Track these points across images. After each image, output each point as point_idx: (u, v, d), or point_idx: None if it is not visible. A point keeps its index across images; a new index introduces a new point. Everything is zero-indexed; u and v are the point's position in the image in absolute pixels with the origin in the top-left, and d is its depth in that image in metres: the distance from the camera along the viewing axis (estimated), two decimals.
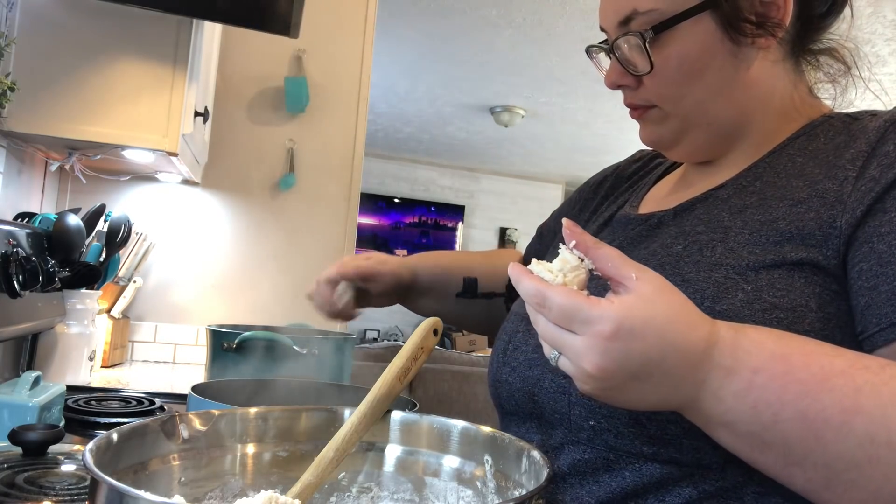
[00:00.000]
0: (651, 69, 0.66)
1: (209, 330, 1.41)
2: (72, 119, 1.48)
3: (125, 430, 0.51)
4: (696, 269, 0.61)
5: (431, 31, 3.73)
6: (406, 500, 0.61)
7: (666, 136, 0.71)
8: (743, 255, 0.60)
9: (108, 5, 1.41)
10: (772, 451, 0.49)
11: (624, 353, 0.47)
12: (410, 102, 5.11)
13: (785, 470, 0.49)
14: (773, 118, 0.69)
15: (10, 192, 1.65)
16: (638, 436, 0.58)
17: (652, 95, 0.69)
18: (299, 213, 2.20)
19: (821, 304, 0.56)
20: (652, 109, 0.70)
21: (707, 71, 0.66)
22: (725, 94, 0.67)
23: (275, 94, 2.18)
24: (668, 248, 0.65)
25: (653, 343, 0.48)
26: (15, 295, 1.17)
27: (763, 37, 0.66)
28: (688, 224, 0.67)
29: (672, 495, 0.58)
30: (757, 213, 0.62)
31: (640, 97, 0.70)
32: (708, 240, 0.63)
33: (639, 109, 0.72)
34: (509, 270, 0.53)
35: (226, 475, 0.59)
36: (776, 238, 0.59)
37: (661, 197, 0.78)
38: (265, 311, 2.10)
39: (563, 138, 5.72)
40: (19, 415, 0.96)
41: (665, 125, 0.70)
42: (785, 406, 0.48)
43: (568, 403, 0.63)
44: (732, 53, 0.66)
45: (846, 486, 0.47)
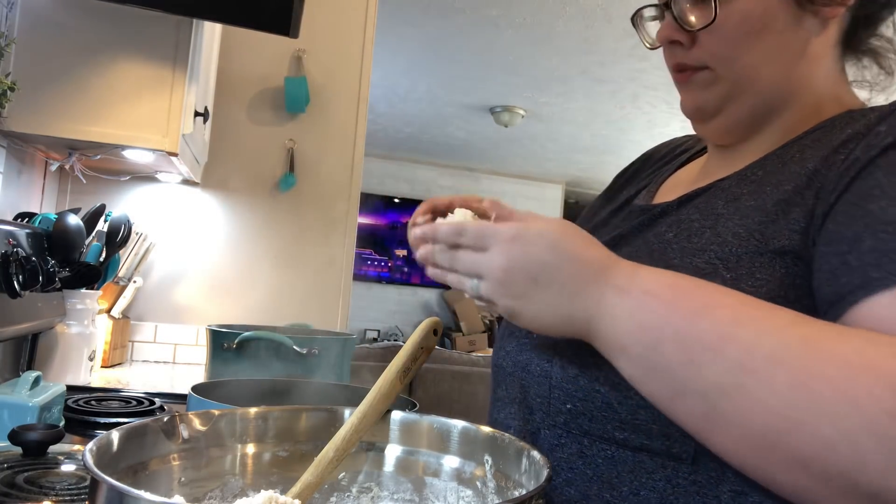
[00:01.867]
0: (713, 20, 0.64)
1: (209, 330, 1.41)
2: (72, 119, 1.49)
3: (125, 430, 0.51)
4: (680, 254, 0.62)
5: (431, 31, 3.73)
6: (406, 500, 0.61)
7: (711, 101, 0.69)
8: (728, 241, 0.59)
9: (108, 5, 1.41)
10: (658, 379, 0.50)
11: (523, 255, 0.54)
12: (410, 102, 5.11)
13: (672, 403, 0.50)
14: (812, 106, 0.67)
15: (10, 192, 1.65)
16: (610, 420, 0.59)
17: (705, 54, 0.67)
18: (299, 213, 2.20)
19: (799, 296, 0.55)
20: (702, 71, 0.68)
21: (767, 33, 0.64)
22: (780, 63, 0.66)
23: (275, 94, 2.18)
24: (661, 237, 0.66)
25: (548, 250, 0.54)
26: (15, 295, 1.17)
27: (830, 6, 0.65)
28: (684, 213, 0.67)
29: (646, 489, 0.57)
30: (750, 200, 0.62)
31: (693, 56, 0.68)
32: (699, 227, 0.63)
33: (686, 71, 0.69)
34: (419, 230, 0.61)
35: (226, 475, 0.59)
36: (762, 223, 0.58)
37: (675, 186, 0.77)
38: (265, 311, 2.10)
39: (563, 138, 5.72)
40: (19, 415, 0.96)
41: (712, 89, 0.68)
42: (666, 328, 0.50)
43: (549, 387, 0.64)
44: (796, 19, 0.65)
45: (720, 418, 0.47)
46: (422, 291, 7.04)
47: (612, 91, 4.40)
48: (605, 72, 4.03)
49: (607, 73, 4.04)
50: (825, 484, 0.43)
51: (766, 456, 0.46)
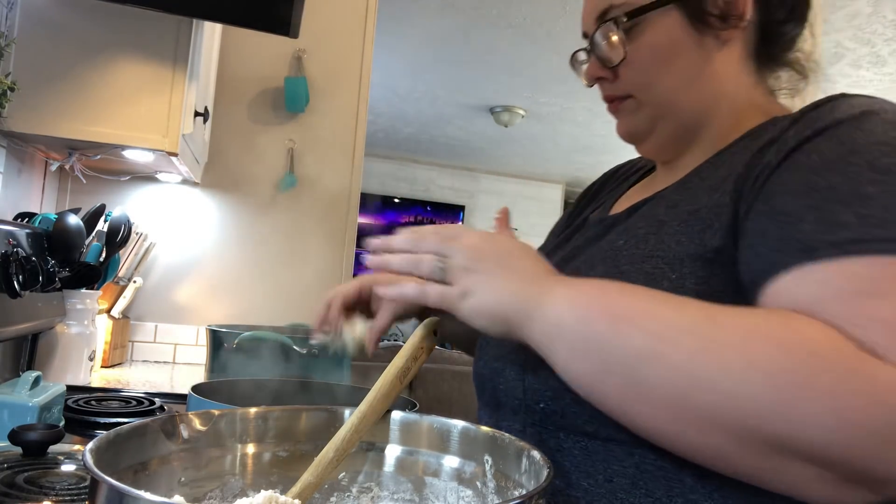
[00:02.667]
0: (625, 56, 0.72)
1: (209, 330, 1.41)
2: (72, 119, 1.49)
3: (125, 430, 0.51)
4: (630, 261, 0.66)
5: (431, 31, 3.73)
6: (406, 500, 0.61)
7: (640, 125, 0.76)
8: (671, 246, 0.64)
9: (108, 5, 1.41)
10: (587, 353, 0.55)
11: (492, 240, 0.63)
12: (410, 102, 5.11)
13: (599, 378, 0.55)
14: (731, 116, 0.73)
15: (10, 192, 1.65)
16: (580, 414, 0.63)
17: (627, 85, 0.74)
18: (299, 212, 2.20)
19: (737, 290, 0.59)
20: (627, 100, 0.75)
21: (676, 60, 0.72)
22: (693, 85, 0.73)
23: (275, 94, 2.18)
24: (612, 244, 0.72)
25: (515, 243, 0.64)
26: (15, 295, 1.17)
27: (726, 29, 0.71)
28: (632, 222, 0.73)
29: (618, 476, 0.61)
30: (686, 205, 0.67)
31: (617, 88, 0.75)
32: (644, 234, 0.68)
33: (615, 102, 0.77)
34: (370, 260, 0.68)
35: (226, 475, 0.59)
36: (699, 227, 0.63)
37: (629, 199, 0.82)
38: (265, 311, 2.10)
39: (563, 138, 5.72)
40: (19, 415, 0.96)
41: (638, 114, 0.75)
42: (595, 305, 0.56)
43: (523, 390, 0.68)
44: (698, 44, 0.72)
45: (641, 386, 0.52)
46: None
47: None
48: None
49: None
50: (734, 438, 0.49)
51: (681, 416, 0.51)
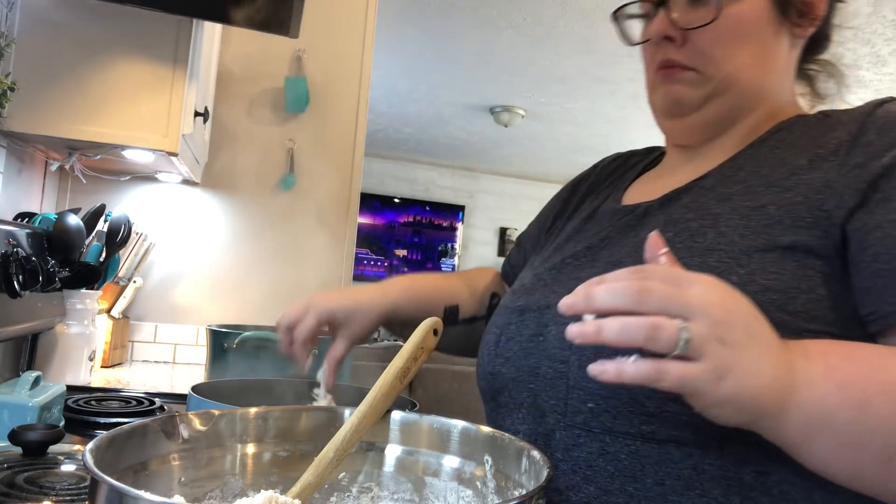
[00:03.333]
0: (713, 20, 0.68)
1: (209, 330, 1.41)
2: (72, 119, 1.48)
3: (125, 430, 0.51)
4: (689, 254, 0.62)
5: (431, 31, 3.73)
6: (406, 500, 0.61)
7: (693, 99, 0.72)
8: (734, 240, 0.61)
9: (108, 5, 1.41)
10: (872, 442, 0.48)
11: (734, 298, 0.50)
12: (410, 102, 5.11)
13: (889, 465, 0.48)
14: (772, 109, 0.73)
15: (10, 192, 1.65)
16: (637, 414, 0.58)
17: (696, 54, 0.71)
18: (299, 213, 2.20)
19: (811, 286, 0.58)
20: (690, 71, 0.72)
21: (753, 40, 0.70)
22: (757, 69, 0.71)
23: (275, 94, 2.18)
24: None
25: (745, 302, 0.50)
26: (15, 295, 1.16)
27: (800, 26, 0.73)
28: (675, 213, 0.69)
29: (671, 478, 0.58)
30: (744, 200, 0.65)
31: (683, 54, 0.71)
32: (697, 227, 0.65)
33: (673, 68, 0.72)
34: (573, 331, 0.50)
35: (226, 475, 0.59)
36: (766, 222, 0.61)
37: (644, 189, 0.79)
38: (265, 310, 2.10)
39: (563, 138, 5.72)
40: (19, 415, 0.96)
41: (696, 89, 0.72)
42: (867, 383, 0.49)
43: (566, 388, 0.63)
44: (776, 32, 0.72)
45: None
46: None
47: (612, 91, 4.40)
48: (605, 72, 4.02)
49: (607, 73, 4.04)
50: None
51: None
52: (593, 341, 0.48)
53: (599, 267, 0.70)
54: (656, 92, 0.75)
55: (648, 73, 0.76)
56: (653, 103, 0.77)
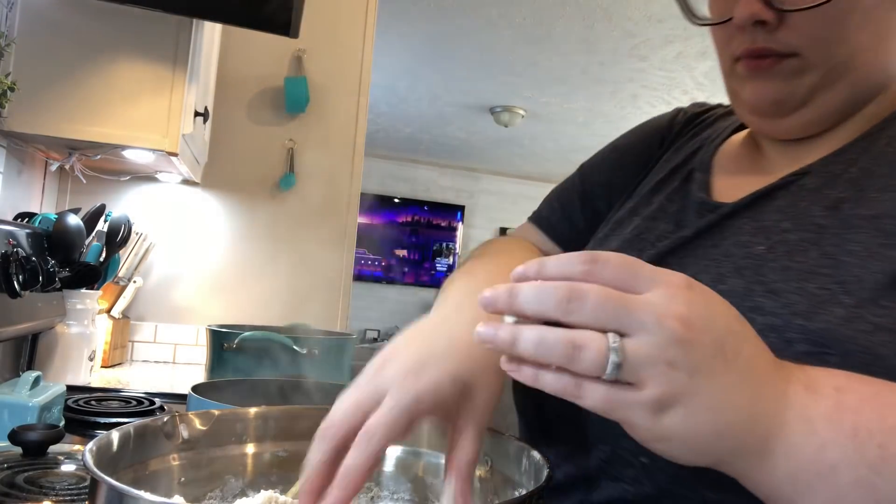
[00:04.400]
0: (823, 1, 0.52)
1: (209, 330, 1.41)
2: (72, 119, 1.48)
3: (125, 430, 0.51)
4: (784, 276, 0.50)
5: (431, 31, 3.73)
6: (406, 500, 0.61)
7: (796, 94, 0.57)
8: (843, 261, 0.48)
9: (108, 5, 1.41)
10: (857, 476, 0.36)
11: (707, 308, 0.38)
12: (410, 102, 5.11)
13: None
14: (891, 95, 0.59)
15: (10, 192, 1.65)
16: (700, 478, 0.44)
17: (798, 38, 0.55)
18: (299, 213, 2.20)
19: None
20: (790, 59, 0.55)
21: (873, 13, 0.55)
22: (877, 47, 0.56)
23: (275, 94, 2.18)
24: (746, 248, 0.54)
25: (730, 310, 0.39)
26: (15, 295, 1.16)
27: None
28: (768, 218, 0.55)
29: None
30: (856, 208, 0.51)
31: (781, 40, 0.55)
32: (797, 240, 0.52)
33: (769, 58, 0.56)
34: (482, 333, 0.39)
35: (225, 475, 0.59)
36: (883, 240, 0.48)
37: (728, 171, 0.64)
38: (265, 311, 2.10)
39: (563, 138, 5.72)
40: (19, 415, 0.96)
41: (800, 80, 0.56)
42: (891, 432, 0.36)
43: (615, 435, 0.48)
44: None
45: None
46: (422, 291, 7.04)
47: (612, 91, 4.40)
48: (605, 72, 4.02)
49: (607, 73, 4.04)
50: None
51: None
52: (507, 352, 0.38)
53: None
54: (743, 86, 0.59)
55: (725, 59, 0.60)
56: (735, 96, 0.61)
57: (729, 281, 0.51)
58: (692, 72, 3.90)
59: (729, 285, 0.50)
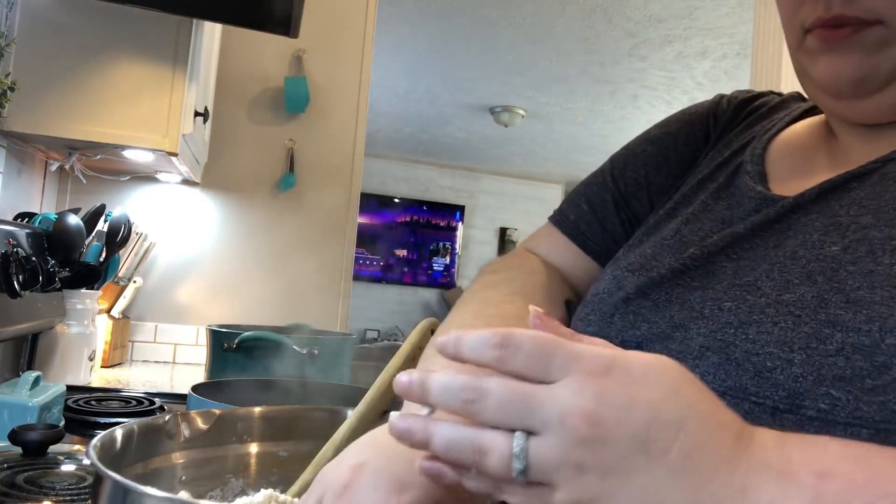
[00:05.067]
0: None
1: (209, 330, 1.41)
2: (72, 119, 1.49)
3: (127, 428, 0.51)
4: (867, 282, 0.41)
5: (431, 31, 3.73)
6: None
7: (883, 69, 0.48)
8: None
9: (108, 5, 1.41)
10: None
11: (625, 397, 0.32)
12: (410, 102, 5.11)
13: None
14: None
15: (10, 192, 1.65)
16: None
17: (883, 1, 0.46)
18: (299, 213, 2.20)
19: None
20: (872, 28, 0.47)
21: None
22: None
23: (275, 94, 2.18)
24: (817, 248, 0.45)
25: (663, 394, 0.33)
26: (15, 295, 1.17)
27: None
28: (843, 212, 0.47)
29: None
30: None
31: (863, 5, 0.46)
32: (882, 238, 0.43)
33: (847, 27, 0.48)
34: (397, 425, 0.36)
35: (226, 474, 0.59)
36: None
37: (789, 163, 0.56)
38: (265, 311, 2.10)
39: (563, 138, 5.72)
40: (19, 415, 0.96)
41: (886, 52, 0.47)
42: None
43: None
44: None
45: None
46: (422, 291, 7.04)
47: (612, 91, 4.40)
48: (605, 72, 4.03)
49: (607, 73, 4.04)
50: None
51: None
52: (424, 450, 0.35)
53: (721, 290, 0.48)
54: (815, 63, 0.50)
55: (793, 31, 0.52)
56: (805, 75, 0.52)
57: (797, 289, 0.43)
58: (692, 72, 3.90)
59: (797, 294, 0.42)
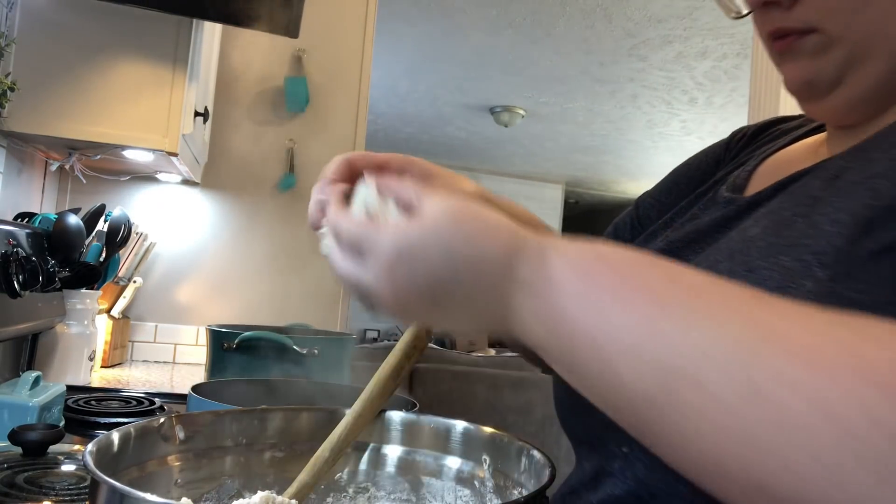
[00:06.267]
0: None
1: (209, 330, 1.41)
2: (72, 119, 1.49)
3: (124, 430, 0.51)
4: (765, 253, 0.47)
5: (431, 31, 3.73)
6: (403, 499, 0.61)
7: (827, 71, 0.53)
8: (825, 230, 0.44)
9: (108, 5, 1.41)
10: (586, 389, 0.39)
11: (409, 276, 0.41)
12: (410, 102, 5.11)
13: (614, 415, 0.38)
14: None
15: (10, 192, 1.65)
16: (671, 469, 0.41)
17: (813, 12, 0.52)
18: (299, 213, 2.20)
19: None
20: (809, 35, 0.53)
21: None
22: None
23: (275, 94, 2.18)
24: (744, 232, 0.52)
25: (438, 260, 0.41)
26: (15, 295, 1.17)
27: None
28: (777, 203, 0.53)
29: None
30: (855, 174, 0.47)
31: (797, 17, 0.52)
32: (790, 216, 0.49)
33: (789, 37, 0.54)
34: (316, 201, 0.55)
35: (223, 476, 0.59)
36: (870, 202, 0.43)
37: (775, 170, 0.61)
38: (265, 311, 2.10)
39: (563, 138, 5.72)
40: (19, 415, 0.96)
41: (826, 57, 0.52)
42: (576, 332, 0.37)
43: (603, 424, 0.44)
44: None
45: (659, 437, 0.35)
46: None
47: (612, 91, 4.40)
48: (605, 72, 4.03)
49: (607, 73, 4.04)
50: None
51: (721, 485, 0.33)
52: None
53: None
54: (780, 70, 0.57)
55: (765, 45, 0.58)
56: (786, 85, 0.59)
57: (720, 266, 0.49)
58: (692, 72, 3.90)
59: (718, 270, 0.47)
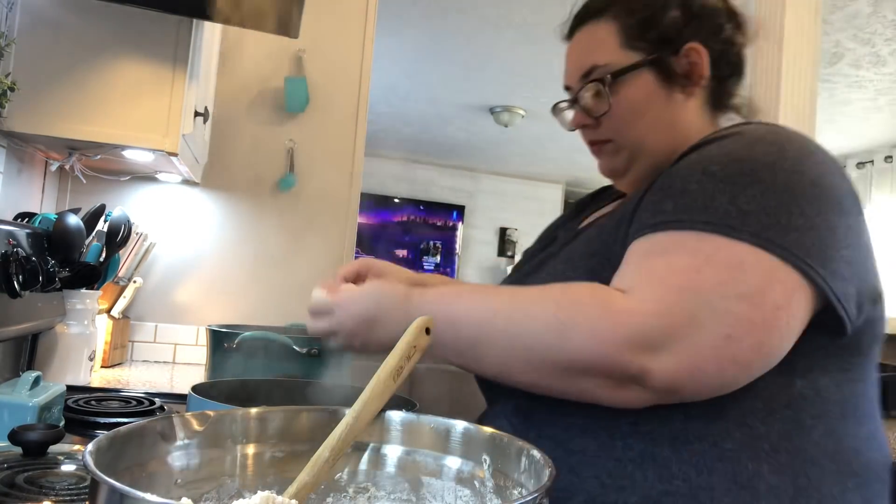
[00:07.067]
0: (609, 109, 0.85)
1: (209, 330, 1.41)
2: (72, 119, 1.48)
3: (124, 431, 0.51)
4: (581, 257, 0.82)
5: (431, 31, 3.73)
6: (403, 500, 0.61)
7: (619, 165, 0.90)
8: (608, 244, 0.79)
9: (108, 5, 1.41)
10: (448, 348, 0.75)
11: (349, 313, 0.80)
12: (410, 102, 5.11)
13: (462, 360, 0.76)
14: None
15: (10, 192, 1.65)
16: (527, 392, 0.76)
17: (608, 131, 0.88)
18: (299, 213, 2.20)
19: None
20: (608, 144, 0.89)
21: (649, 111, 0.86)
22: (663, 130, 0.86)
23: (275, 94, 2.18)
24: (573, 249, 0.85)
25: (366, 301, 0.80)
26: (15, 295, 1.17)
27: (690, 87, 0.86)
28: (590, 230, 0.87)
29: None
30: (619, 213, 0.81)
31: (599, 134, 0.89)
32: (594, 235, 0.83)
33: (597, 145, 0.91)
34: None
35: (223, 476, 0.59)
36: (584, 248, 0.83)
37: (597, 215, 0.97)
38: (265, 311, 2.10)
39: (563, 138, 5.72)
40: (19, 415, 0.96)
41: (618, 156, 0.89)
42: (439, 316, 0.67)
43: None
44: (667, 98, 0.86)
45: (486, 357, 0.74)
46: None
47: None
48: None
49: None
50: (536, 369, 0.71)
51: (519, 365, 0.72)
52: None
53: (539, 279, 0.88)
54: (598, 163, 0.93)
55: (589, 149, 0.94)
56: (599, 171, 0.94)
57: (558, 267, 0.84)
58: None
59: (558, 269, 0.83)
